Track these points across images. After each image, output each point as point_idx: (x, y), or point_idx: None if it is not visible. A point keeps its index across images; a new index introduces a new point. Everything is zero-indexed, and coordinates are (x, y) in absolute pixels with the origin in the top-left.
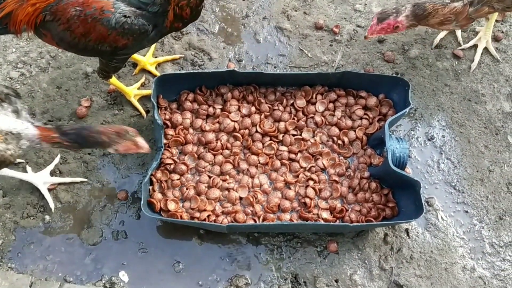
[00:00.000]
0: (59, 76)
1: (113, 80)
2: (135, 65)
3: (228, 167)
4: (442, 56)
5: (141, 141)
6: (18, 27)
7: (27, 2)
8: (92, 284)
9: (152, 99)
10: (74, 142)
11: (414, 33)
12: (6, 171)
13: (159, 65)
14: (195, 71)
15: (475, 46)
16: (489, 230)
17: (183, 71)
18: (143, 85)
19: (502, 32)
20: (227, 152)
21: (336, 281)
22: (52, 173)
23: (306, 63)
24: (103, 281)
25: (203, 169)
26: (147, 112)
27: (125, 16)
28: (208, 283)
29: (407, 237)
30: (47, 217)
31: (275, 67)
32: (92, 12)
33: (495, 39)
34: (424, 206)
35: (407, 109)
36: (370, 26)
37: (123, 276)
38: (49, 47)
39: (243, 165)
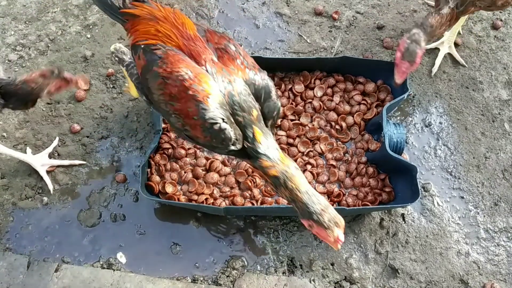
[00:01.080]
0: (58, 59)
1: None
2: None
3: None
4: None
5: (68, 75)
6: (131, 33)
7: (155, 23)
8: (90, 265)
9: None
10: (7, 100)
11: (413, 20)
12: (5, 149)
13: None
14: None
15: (437, 49)
16: (484, 216)
17: None
18: None
19: (501, 20)
20: None
21: (332, 264)
22: (51, 156)
23: (305, 49)
24: (101, 262)
25: (201, 154)
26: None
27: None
28: (205, 265)
29: (403, 222)
30: (45, 199)
31: (273, 53)
32: (195, 90)
33: (494, 27)
34: (420, 191)
35: (405, 95)
36: (401, 69)
37: (121, 257)
38: (48, 31)
39: None
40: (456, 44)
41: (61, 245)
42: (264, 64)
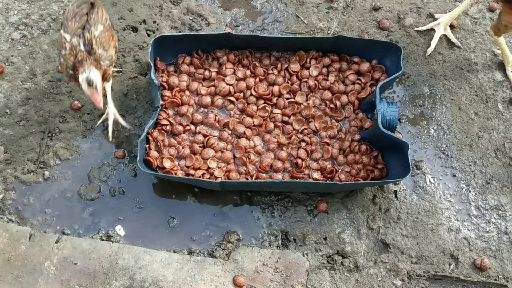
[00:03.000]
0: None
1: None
2: None
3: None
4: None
5: None
6: None
7: None
8: (89, 237)
9: (149, 60)
10: None
11: (410, 2)
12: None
13: None
14: (191, 33)
15: (433, 30)
16: (475, 194)
17: (179, 33)
18: None
19: (497, 2)
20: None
21: (325, 238)
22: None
23: (302, 30)
24: (100, 234)
25: (199, 130)
26: (145, 74)
27: None
28: (202, 238)
29: (395, 199)
30: (47, 173)
31: (271, 33)
32: None
33: (490, 9)
34: (411, 167)
35: (399, 74)
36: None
37: (120, 230)
38: (50, 10)
39: (240, 128)
40: (451, 26)
41: (62, 218)
42: (261, 43)
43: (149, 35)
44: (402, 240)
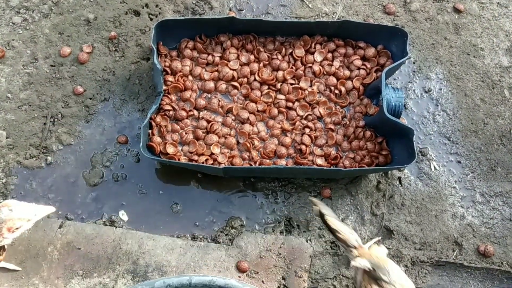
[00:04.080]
0: (61, 22)
1: None
2: None
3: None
4: (443, 10)
5: None
6: None
7: None
8: (92, 222)
9: (151, 45)
10: None
11: None
12: None
13: None
14: (195, 17)
15: None
16: (480, 180)
17: (183, 17)
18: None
19: None
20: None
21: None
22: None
23: (307, 14)
24: (103, 220)
25: (202, 116)
26: (147, 59)
27: None
28: (205, 224)
29: (400, 185)
30: (49, 158)
31: (275, 18)
32: None
33: None
34: (416, 154)
35: (404, 59)
36: None
37: (123, 215)
38: None
39: (243, 114)
40: (458, 11)
41: (65, 203)
42: (265, 27)
43: (151, 19)
44: (406, 226)
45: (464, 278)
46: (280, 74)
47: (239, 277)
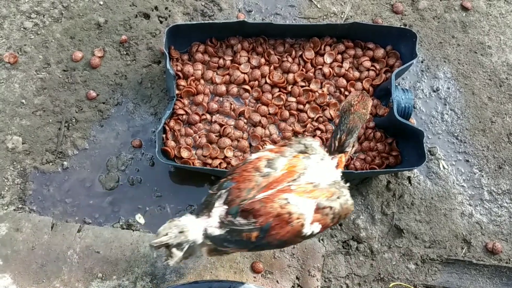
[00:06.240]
0: (72, 26)
1: None
2: None
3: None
4: (450, 8)
5: None
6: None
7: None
8: (110, 225)
9: (164, 50)
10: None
11: None
12: None
13: None
14: (206, 21)
15: None
16: (488, 179)
17: (194, 22)
18: None
19: None
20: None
21: (340, 224)
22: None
23: (315, 14)
24: (120, 223)
25: (215, 119)
26: (159, 62)
27: None
28: None
29: (409, 185)
30: (65, 163)
31: (284, 18)
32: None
33: None
34: (426, 155)
35: (414, 61)
36: None
37: (140, 218)
38: None
39: (255, 117)
40: (465, 9)
41: (82, 207)
42: (274, 30)
43: (161, 22)
44: (415, 225)
45: (473, 275)
46: (290, 76)
47: (254, 277)
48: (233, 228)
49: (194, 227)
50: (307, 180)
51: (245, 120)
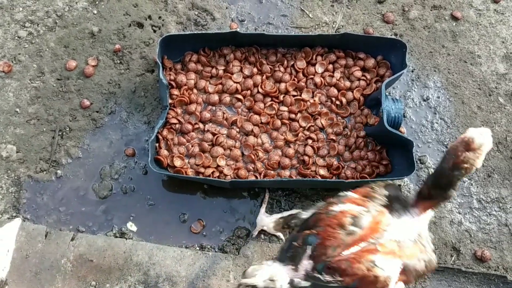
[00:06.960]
0: (66, 35)
1: None
2: None
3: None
4: (440, 18)
5: None
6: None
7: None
8: (103, 234)
9: (157, 59)
10: None
11: None
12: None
13: None
14: (199, 32)
15: None
16: (477, 187)
17: (187, 32)
18: None
19: None
20: (230, 115)
21: None
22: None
23: (307, 24)
24: (114, 232)
25: (207, 128)
26: (152, 71)
27: None
28: (212, 234)
29: None
30: (59, 172)
31: (276, 28)
32: None
33: (494, 0)
34: (416, 163)
35: (404, 71)
36: None
37: (132, 226)
38: (55, 7)
39: (247, 126)
40: (455, 18)
41: (76, 216)
42: (267, 40)
43: (155, 31)
44: None
45: (462, 283)
46: (282, 86)
47: None
48: (318, 283)
49: (283, 277)
50: (391, 238)
51: (238, 129)
